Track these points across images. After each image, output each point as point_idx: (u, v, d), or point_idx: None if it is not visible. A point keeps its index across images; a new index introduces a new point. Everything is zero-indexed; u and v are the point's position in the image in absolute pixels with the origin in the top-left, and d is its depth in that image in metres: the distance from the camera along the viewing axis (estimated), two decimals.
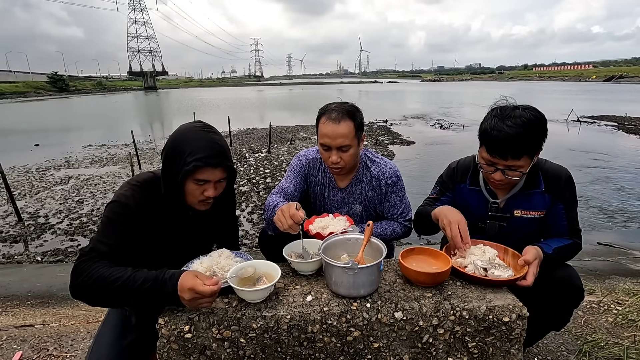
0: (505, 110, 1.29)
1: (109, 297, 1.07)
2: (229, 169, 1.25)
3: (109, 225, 1.15)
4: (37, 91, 57.18)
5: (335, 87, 77.10)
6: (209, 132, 1.22)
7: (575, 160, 7.73)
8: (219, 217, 1.45)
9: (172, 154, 1.19)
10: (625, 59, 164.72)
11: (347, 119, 1.52)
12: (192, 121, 1.30)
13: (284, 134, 11.74)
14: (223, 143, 1.23)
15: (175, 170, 1.17)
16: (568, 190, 1.41)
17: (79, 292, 1.08)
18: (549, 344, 1.83)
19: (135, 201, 1.18)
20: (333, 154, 1.54)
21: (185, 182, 1.19)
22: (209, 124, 1.27)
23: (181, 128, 1.24)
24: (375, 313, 1.06)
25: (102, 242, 1.12)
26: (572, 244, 1.41)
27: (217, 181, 1.23)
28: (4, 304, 2.72)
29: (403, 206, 1.69)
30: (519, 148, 1.25)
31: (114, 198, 1.19)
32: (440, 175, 1.63)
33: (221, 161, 1.19)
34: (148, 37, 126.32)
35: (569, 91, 38.08)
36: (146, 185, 1.23)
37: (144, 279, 1.04)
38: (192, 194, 1.22)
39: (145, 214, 1.20)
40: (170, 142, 1.21)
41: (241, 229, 4.61)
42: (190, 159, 1.15)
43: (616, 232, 4.35)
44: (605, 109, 17.45)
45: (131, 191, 1.20)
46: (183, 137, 1.19)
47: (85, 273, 1.06)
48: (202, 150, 1.16)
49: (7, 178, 5.23)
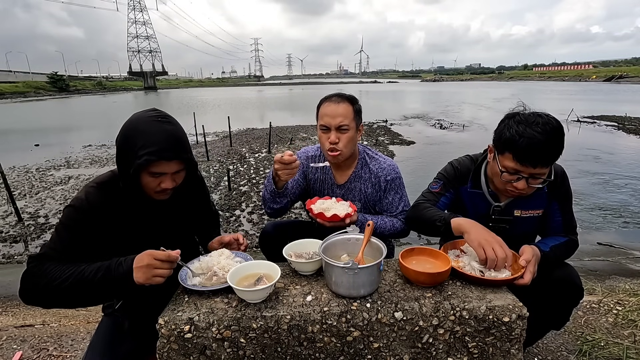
0: (529, 117, 1.25)
1: (64, 296, 1.05)
2: (185, 160, 1.18)
3: (62, 231, 1.12)
4: (37, 91, 57.14)
5: (335, 87, 77.05)
6: (163, 122, 1.14)
7: (576, 160, 7.73)
8: (188, 206, 1.39)
9: (124, 147, 1.13)
10: (625, 59, 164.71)
11: (347, 102, 1.60)
12: (146, 109, 1.20)
13: (284, 134, 11.74)
14: (178, 133, 1.16)
15: (128, 164, 1.11)
16: (563, 187, 1.41)
17: (31, 297, 1.06)
18: (549, 344, 1.84)
19: (90, 204, 1.13)
20: (332, 134, 1.57)
21: (140, 174, 1.14)
22: (165, 113, 1.19)
23: (133, 118, 1.16)
24: (375, 313, 1.06)
25: (52, 248, 1.09)
26: (568, 241, 1.41)
27: (175, 172, 1.18)
28: (4, 304, 2.72)
29: (402, 204, 1.69)
30: (550, 155, 1.22)
31: (70, 202, 1.15)
32: (441, 172, 1.58)
33: (175, 154, 1.13)
34: (148, 37, 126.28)
35: (569, 91, 38.07)
36: (103, 185, 1.19)
37: (97, 269, 1.05)
38: (149, 186, 1.17)
39: (106, 213, 1.15)
40: (121, 133, 1.14)
41: (241, 229, 4.61)
42: (142, 152, 1.08)
43: (616, 232, 4.35)
44: (605, 109, 17.44)
45: (85, 194, 1.16)
46: (135, 128, 1.12)
47: (35, 276, 1.04)
48: (155, 143, 1.09)
49: (7, 178, 5.23)
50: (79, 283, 1.03)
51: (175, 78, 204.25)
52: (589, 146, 9.20)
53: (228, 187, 6.00)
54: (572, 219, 1.46)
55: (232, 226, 4.64)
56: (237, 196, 5.68)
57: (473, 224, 1.27)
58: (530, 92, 38.20)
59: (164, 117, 1.17)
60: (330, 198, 1.57)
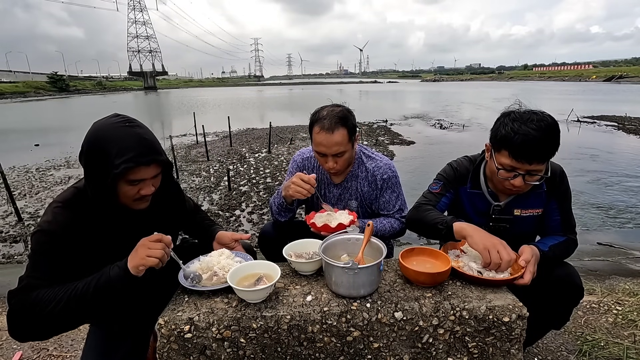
0: (524, 114, 1.27)
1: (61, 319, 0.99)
2: (162, 162, 1.14)
3: (37, 259, 1.05)
4: (37, 91, 57.16)
5: (335, 87, 77.07)
6: (132, 126, 1.08)
7: (576, 160, 7.73)
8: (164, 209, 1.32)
9: (95, 157, 1.06)
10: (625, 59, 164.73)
11: (340, 127, 1.51)
12: (108, 116, 1.13)
13: (284, 134, 11.73)
14: (150, 137, 1.12)
15: (102, 174, 1.05)
16: (562, 186, 1.42)
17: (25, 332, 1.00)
18: (549, 344, 1.84)
19: (59, 225, 1.07)
20: (329, 160, 1.56)
21: (117, 184, 1.08)
22: (129, 117, 1.13)
23: (97, 126, 1.08)
24: (375, 313, 1.06)
25: (32, 277, 1.03)
26: (567, 240, 1.41)
27: (153, 177, 1.13)
28: (4, 304, 2.72)
29: (399, 203, 1.69)
30: (546, 151, 1.23)
31: (36, 227, 1.08)
32: (441, 173, 1.59)
33: (153, 157, 1.09)
34: (148, 37, 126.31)
35: (568, 91, 38.07)
36: (69, 204, 1.12)
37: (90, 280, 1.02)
38: (127, 195, 1.12)
39: (76, 233, 1.09)
40: (87, 143, 1.07)
41: (241, 229, 4.60)
42: (119, 160, 1.02)
43: (616, 232, 4.35)
44: (605, 109, 17.44)
45: (53, 215, 1.09)
46: (104, 137, 1.05)
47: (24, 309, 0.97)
48: (131, 149, 1.04)
49: (7, 178, 5.23)
50: (75, 299, 0.99)
51: (175, 78, 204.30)
52: (589, 146, 9.20)
53: (228, 187, 5.99)
54: (571, 218, 1.46)
55: (232, 226, 4.64)
56: (237, 196, 5.68)
57: (475, 228, 1.28)
58: (530, 92, 38.19)
59: (130, 121, 1.11)
60: (325, 210, 1.55)
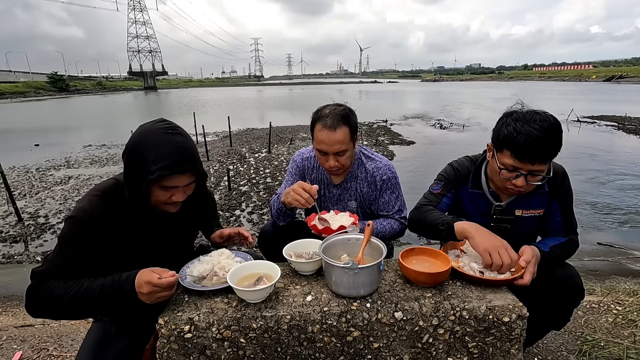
0: (527, 114, 1.26)
1: (70, 312, 1.08)
2: (198, 172, 1.17)
3: (65, 244, 1.10)
4: (37, 91, 57.15)
5: (335, 87, 77.07)
6: (173, 134, 1.11)
7: (576, 160, 7.73)
8: (193, 217, 1.37)
9: (134, 160, 1.10)
10: (625, 59, 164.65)
11: (343, 125, 1.52)
12: (155, 120, 1.17)
13: (284, 134, 11.73)
14: (189, 145, 1.14)
15: (139, 179, 1.09)
16: (564, 187, 1.42)
17: (38, 313, 1.07)
18: (549, 344, 1.84)
19: (93, 214, 1.11)
20: (330, 159, 1.56)
21: (151, 187, 1.12)
22: (174, 124, 1.15)
23: (142, 130, 1.13)
24: (375, 313, 1.06)
25: (55, 263, 1.08)
26: (568, 241, 1.41)
27: (186, 185, 1.17)
28: (4, 304, 2.72)
29: (398, 203, 1.69)
30: (549, 151, 1.23)
31: (71, 213, 1.12)
32: (442, 173, 1.58)
33: (188, 167, 1.12)
34: (148, 37, 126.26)
35: (569, 91, 38.07)
36: (107, 194, 1.15)
37: (101, 286, 1.05)
38: (159, 199, 1.15)
39: (108, 224, 1.13)
40: (130, 145, 1.11)
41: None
42: (155, 167, 1.06)
43: (616, 232, 4.35)
44: (605, 109, 17.44)
45: (89, 204, 1.12)
46: (145, 142, 1.09)
47: (40, 294, 1.05)
48: (167, 157, 1.07)
49: (7, 178, 5.23)
50: (86, 301, 1.05)
51: (175, 78, 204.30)
52: (589, 146, 9.20)
53: (228, 187, 5.99)
54: (573, 219, 1.46)
55: (232, 226, 4.65)
56: (237, 196, 5.68)
57: (477, 228, 1.26)
58: (530, 92, 38.19)
59: (173, 128, 1.14)
60: (327, 212, 1.55)
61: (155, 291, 1.03)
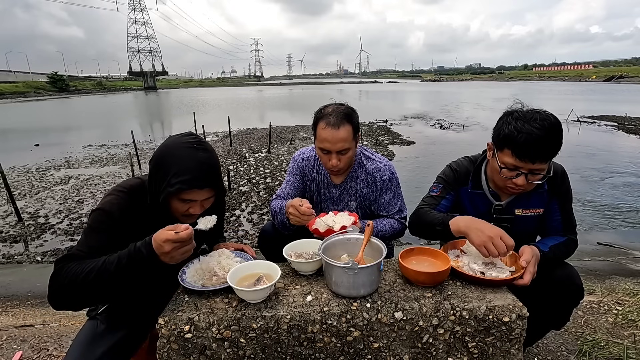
0: (528, 114, 1.26)
1: (90, 292, 1.04)
2: (217, 187, 1.20)
3: (91, 234, 1.12)
4: (37, 91, 57.16)
5: (335, 87, 77.08)
6: (197, 149, 1.15)
7: (576, 160, 7.73)
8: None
9: (157, 170, 1.15)
10: (625, 59, 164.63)
11: (346, 123, 1.53)
12: (183, 133, 1.23)
13: (284, 134, 11.73)
14: (212, 161, 1.18)
15: (159, 189, 1.13)
16: (563, 186, 1.42)
17: (59, 299, 1.06)
18: (549, 344, 1.84)
19: (120, 209, 1.15)
20: (333, 157, 1.55)
21: (170, 199, 1.16)
22: (200, 138, 1.20)
23: (169, 142, 1.18)
24: (375, 313, 1.06)
25: (79, 249, 1.09)
26: (567, 241, 1.41)
27: (204, 199, 1.20)
28: (4, 304, 2.72)
29: (398, 204, 1.69)
30: (549, 150, 1.23)
31: (98, 205, 1.16)
32: (440, 175, 1.59)
33: (207, 183, 1.15)
34: (148, 37, 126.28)
35: (569, 91, 38.07)
36: (133, 192, 1.20)
37: (117, 258, 1.04)
38: (177, 210, 1.19)
39: (131, 221, 1.16)
40: (156, 156, 1.17)
41: (241, 229, 4.61)
42: (175, 180, 1.10)
43: (616, 232, 4.35)
44: (605, 109, 17.44)
45: (117, 199, 1.16)
46: (169, 154, 1.14)
47: (60, 276, 1.04)
48: (188, 171, 1.11)
49: (7, 178, 5.23)
50: (105, 274, 1.03)
51: (175, 78, 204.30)
52: (589, 146, 9.20)
53: (228, 187, 6.00)
54: (572, 219, 1.46)
55: (232, 226, 4.64)
56: (237, 196, 5.68)
57: (471, 223, 1.27)
58: (530, 92, 38.20)
59: (199, 143, 1.17)
60: (326, 214, 1.54)
61: (177, 247, 1.03)
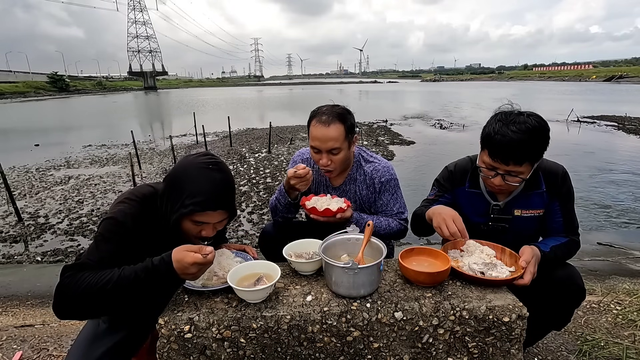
0: (509, 116, 1.29)
1: (102, 303, 1.02)
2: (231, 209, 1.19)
3: (103, 243, 1.10)
4: (37, 91, 57.15)
5: (335, 87, 77.07)
6: (213, 170, 1.14)
7: (575, 160, 7.73)
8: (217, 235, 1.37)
9: (172, 190, 1.14)
10: (625, 59, 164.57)
11: (337, 122, 1.53)
12: (200, 153, 1.21)
13: (284, 134, 11.74)
14: (227, 183, 1.16)
15: (172, 208, 1.12)
16: (564, 187, 1.42)
17: (67, 308, 1.03)
18: (549, 344, 1.84)
19: (133, 218, 1.13)
20: (323, 156, 1.56)
21: (182, 220, 1.14)
22: (217, 158, 1.19)
23: (185, 161, 1.17)
24: (375, 313, 1.06)
25: (90, 258, 1.07)
26: (569, 241, 1.41)
27: (217, 222, 1.19)
28: (4, 304, 2.72)
29: (398, 205, 1.69)
30: (521, 154, 1.25)
31: (110, 214, 1.14)
32: (437, 178, 1.62)
33: (221, 205, 1.14)
34: (148, 37, 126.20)
35: (569, 91, 38.06)
36: (145, 201, 1.18)
37: (135, 272, 1.03)
38: (189, 231, 1.18)
39: (143, 230, 1.15)
40: (171, 175, 1.16)
41: (241, 229, 4.61)
42: (189, 201, 1.09)
43: (616, 232, 4.35)
44: (605, 109, 17.44)
45: (130, 208, 1.15)
46: (185, 174, 1.13)
47: (71, 285, 1.01)
48: (203, 193, 1.10)
49: (7, 178, 5.23)
50: (121, 287, 1.01)
51: (175, 78, 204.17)
52: (589, 146, 9.20)
53: None
54: (574, 220, 1.45)
55: (232, 226, 4.64)
56: (237, 196, 5.69)
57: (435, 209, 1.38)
58: (530, 92, 38.20)
59: (215, 164, 1.16)
60: (326, 195, 1.59)
61: (202, 269, 1.05)
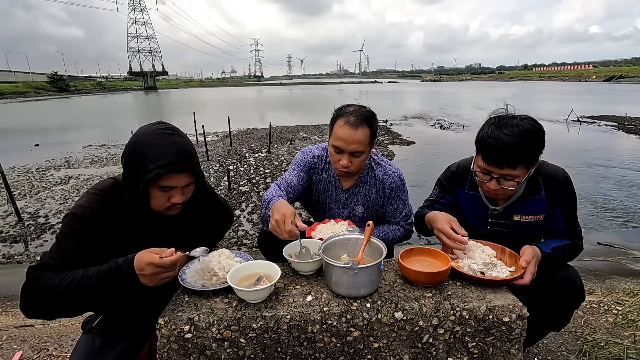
0: (503, 119, 1.29)
1: (66, 304, 1.02)
2: (195, 173, 1.17)
3: (64, 240, 1.09)
4: (37, 91, 57.15)
5: (335, 87, 77.06)
6: (171, 134, 1.13)
7: (575, 160, 7.72)
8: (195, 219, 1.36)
9: (133, 160, 1.11)
10: (625, 59, 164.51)
11: (365, 126, 1.50)
12: (153, 122, 1.19)
13: (284, 134, 11.73)
14: (188, 146, 1.15)
15: (137, 178, 1.10)
16: (566, 192, 1.40)
17: (33, 309, 1.03)
18: (549, 344, 1.84)
19: (92, 212, 1.11)
20: (344, 157, 1.52)
21: (149, 188, 1.12)
22: (172, 125, 1.18)
23: (140, 131, 1.15)
24: (375, 313, 1.06)
25: (52, 258, 1.06)
26: (571, 244, 1.40)
27: (185, 186, 1.17)
28: (4, 304, 2.72)
29: (405, 210, 1.69)
30: (515, 157, 1.24)
31: (70, 210, 1.12)
32: (439, 178, 1.62)
33: (186, 167, 1.12)
34: (148, 37, 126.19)
35: (568, 91, 38.05)
36: (106, 193, 1.16)
37: (97, 273, 1.02)
38: (158, 201, 1.15)
39: (107, 223, 1.13)
40: (129, 147, 1.13)
41: (241, 229, 4.61)
42: (152, 165, 1.07)
43: (616, 232, 4.35)
44: (605, 109, 17.43)
45: (88, 201, 1.13)
46: (143, 142, 1.11)
47: (35, 287, 1.01)
48: (165, 156, 1.08)
49: (7, 178, 5.23)
50: (82, 289, 1.01)
51: (175, 78, 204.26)
52: (589, 146, 9.19)
53: (228, 187, 5.99)
54: (576, 224, 1.43)
55: (232, 226, 4.64)
56: (237, 196, 5.68)
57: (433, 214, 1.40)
58: (530, 92, 38.20)
59: (172, 129, 1.15)
60: (329, 221, 1.52)
61: (159, 272, 1.01)
